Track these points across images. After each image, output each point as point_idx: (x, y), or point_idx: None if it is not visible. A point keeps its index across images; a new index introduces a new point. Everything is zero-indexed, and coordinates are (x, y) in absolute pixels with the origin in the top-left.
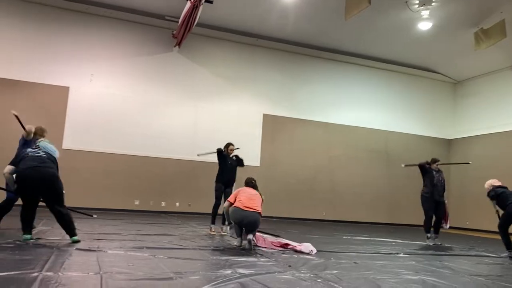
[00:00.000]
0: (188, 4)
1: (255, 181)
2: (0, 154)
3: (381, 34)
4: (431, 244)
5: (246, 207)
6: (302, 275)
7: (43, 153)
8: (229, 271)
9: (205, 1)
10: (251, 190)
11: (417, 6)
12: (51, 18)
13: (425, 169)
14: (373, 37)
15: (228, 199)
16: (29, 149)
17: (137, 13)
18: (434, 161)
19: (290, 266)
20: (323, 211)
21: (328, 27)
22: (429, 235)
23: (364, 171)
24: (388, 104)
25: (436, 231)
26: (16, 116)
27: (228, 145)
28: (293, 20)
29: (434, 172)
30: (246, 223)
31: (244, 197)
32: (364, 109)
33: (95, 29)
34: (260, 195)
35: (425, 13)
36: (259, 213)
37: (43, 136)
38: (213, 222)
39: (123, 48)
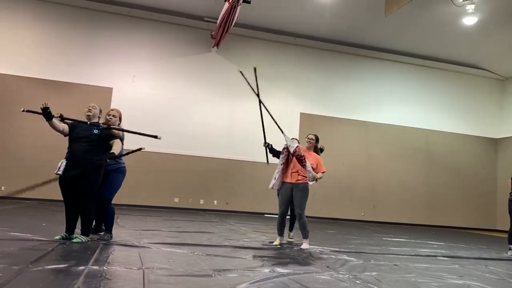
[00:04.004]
0: (226, 5)
1: None
2: (53, 151)
3: (423, 30)
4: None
5: None
6: (341, 276)
7: None
8: (267, 270)
9: (242, 1)
10: None
11: (461, 0)
12: (96, 22)
13: None
14: (415, 34)
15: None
16: None
17: (177, 14)
18: None
19: (328, 267)
20: (362, 211)
21: (366, 24)
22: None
23: (404, 171)
24: (430, 102)
25: None
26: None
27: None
28: (330, 17)
29: None
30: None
31: None
32: (404, 107)
33: (136, 31)
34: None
35: (470, 7)
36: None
37: None
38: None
39: (163, 49)
